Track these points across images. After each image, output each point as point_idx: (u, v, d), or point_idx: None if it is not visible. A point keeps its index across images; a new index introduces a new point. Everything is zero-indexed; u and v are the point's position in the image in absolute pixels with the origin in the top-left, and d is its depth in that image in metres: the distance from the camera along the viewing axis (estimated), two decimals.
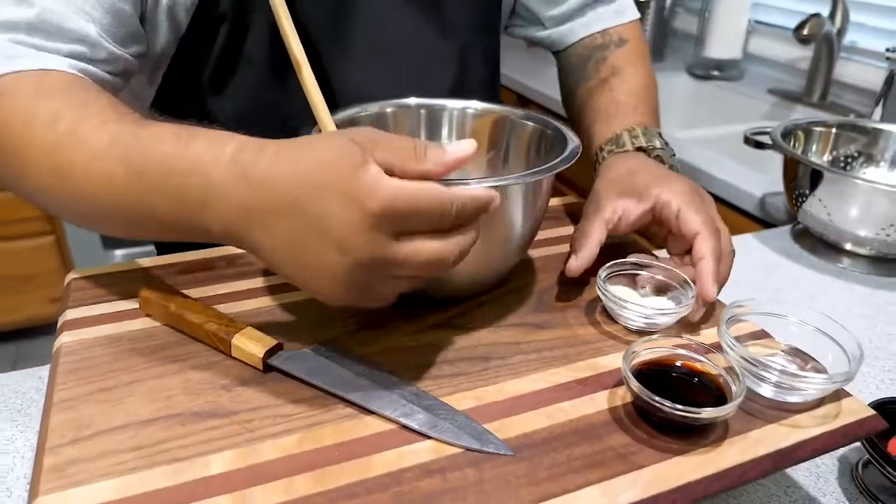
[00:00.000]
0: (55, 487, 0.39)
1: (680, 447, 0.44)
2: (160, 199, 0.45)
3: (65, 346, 0.51)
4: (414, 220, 0.40)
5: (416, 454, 0.42)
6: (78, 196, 0.48)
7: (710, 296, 0.55)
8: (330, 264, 0.40)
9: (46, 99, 0.50)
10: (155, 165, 0.44)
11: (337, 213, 0.39)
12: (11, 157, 0.50)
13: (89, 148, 0.47)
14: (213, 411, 0.45)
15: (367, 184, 0.38)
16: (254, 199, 0.41)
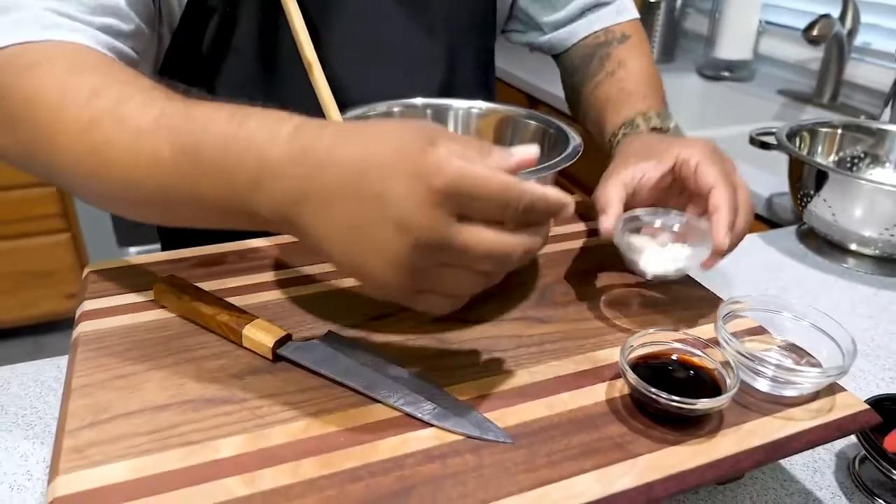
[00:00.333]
0: (74, 467, 0.41)
1: (675, 437, 0.45)
2: (209, 179, 0.42)
3: (83, 335, 0.53)
4: (479, 204, 0.38)
5: (418, 440, 0.44)
6: (113, 177, 0.46)
7: (722, 245, 0.54)
8: (387, 244, 0.38)
9: (85, 74, 0.48)
10: (206, 144, 0.42)
11: (400, 191, 0.37)
12: (37, 134, 0.48)
13: (132, 126, 0.45)
14: (225, 398, 0.47)
15: (435, 161, 0.37)
16: (313, 180, 0.39)
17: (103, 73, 0.49)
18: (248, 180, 0.41)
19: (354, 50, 0.72)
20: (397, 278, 0.39)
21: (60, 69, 0.49)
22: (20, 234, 2.07)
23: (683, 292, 0.61)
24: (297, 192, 0.40)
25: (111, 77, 0.48)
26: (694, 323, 0.57)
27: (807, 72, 1.65)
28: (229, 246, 0.66)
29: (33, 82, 0.48)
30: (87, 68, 0.49)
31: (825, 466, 0.57)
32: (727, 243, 0.54)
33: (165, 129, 0.44)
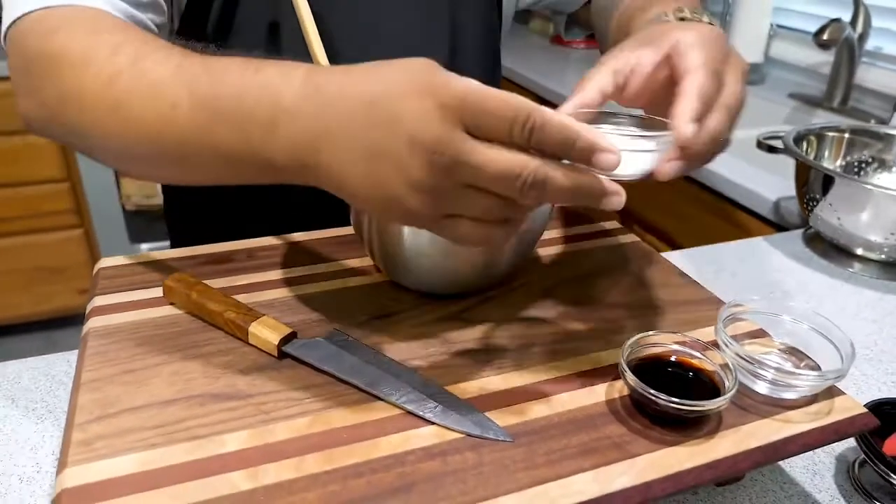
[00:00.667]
0: (82, 460, 0.42)
1: (674, 438, 0.45)
2: (225, 127, 0.43)
3: (93, 330, 0.54)
4: (487, 120, 0.37)
5: (419, 438, 0.44)
6: (133, 131, 0.46)
7: (684, 134, 0.45)
8: (404, 165, 0.38)
9: (104, 33, 0.49)
10: (223, 92, 0.43)
11: (411, 109, 0.37)
12: (62, 93, 0.49)
13: (152, 78, 0.45)
14: (231, 394, 0.48)
15: (443, 79, 0.37)
16: (327, 116, 0.40)
17: (123, 32, 0.50)
18: (263, 124, 0.41)
19: (354, 32, 0.72)
20: (420, 200, 0.39)
21: (82, 31, 0.50)
22: (33, 229, 2.09)
23: (685, 295, 0.62)
24: (313, 132, 0.40)
25: (131, 35, 0.50)
26: (694, 325, 0.57)
27: (818, 75, 1.64)
28: (238, 244, 0.67)
29: (57, 43, 0.49)
30: (106, 29, 0.50)
31: (825, 469, 0.57)
32: (689, 133, 0.45)
33: (183, 80, 0.44)
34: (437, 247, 0.55)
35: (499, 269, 0.60)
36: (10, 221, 2.04)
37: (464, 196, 0.39)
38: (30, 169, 1.98)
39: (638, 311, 0.59)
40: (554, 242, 0.70)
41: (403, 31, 0.75)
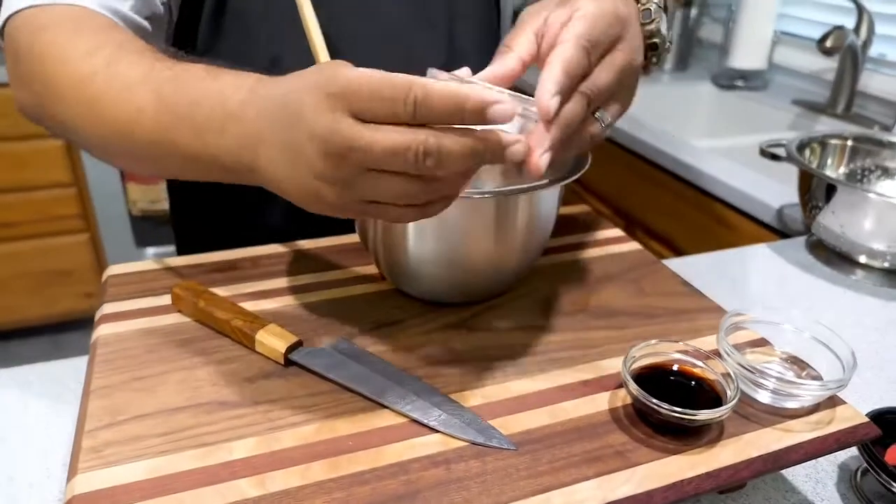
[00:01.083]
0: (92, 466, 0.43)
1: (676, 447, 0.46)
2: (185, 130, 0.46)
3: (102, 338, 0.55)
4: (373, 104, 0.38)
5: (424, 446, 0.45)
6: (106, 128, 0.50)
7: (543, 106, 0.44)
8: (310, 159, 0.40)
9: (85, 34, 0.53)
10: (184, 98, 0.46)
11: (306, 103, 0.39)
12: (46, 88, 0.53)
13: (123, 80, 0.49)
14: (238, 401, 0.48)
15: (331, 72, 0.38)
16: (262, 117, 0.42)
17: (103, 34, 0.54)
18: (215, 129, 0.44)
19: (352, 31, 0.73)
20: (333, 191, 0.40)
21: (66, 30, 0.54)
22: (41, 233, 2.10)
23: (687, 304, 0.62)
24: (252, 135, 0.42)
25: (108, 38, 0.53)
26: (696, 334, 0.58)
27: (821, 82, 1.65)
28: (244, 252, 0.68)
29: (43, 40, 0.53)
30: (88, 29, 0.54)
31: (827, 478, 0.57)
32: (549, 107, 0.44)
33: (150, 85, 0.48)
34: (442, 254, 0.55)
35: (504, 277, 0.60)
36: (19, 226, 2.06)
37: (371, 180, 0.40)
38: (38, 174, 2.00)
39: (640, 319, 0.60)
40: (558, 251, 0.71)
41: (401, 32, 0.76)
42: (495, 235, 0.55)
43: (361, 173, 0.40)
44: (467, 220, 0.54)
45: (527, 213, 0.56)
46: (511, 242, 0.57)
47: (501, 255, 0.57)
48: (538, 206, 0.57)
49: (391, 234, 0.56)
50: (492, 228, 0.55)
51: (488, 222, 0.55)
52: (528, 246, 0.59)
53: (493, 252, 0.57)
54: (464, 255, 0.56)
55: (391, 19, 0.76)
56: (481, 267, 0.57)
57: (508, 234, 0.56)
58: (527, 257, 0.60)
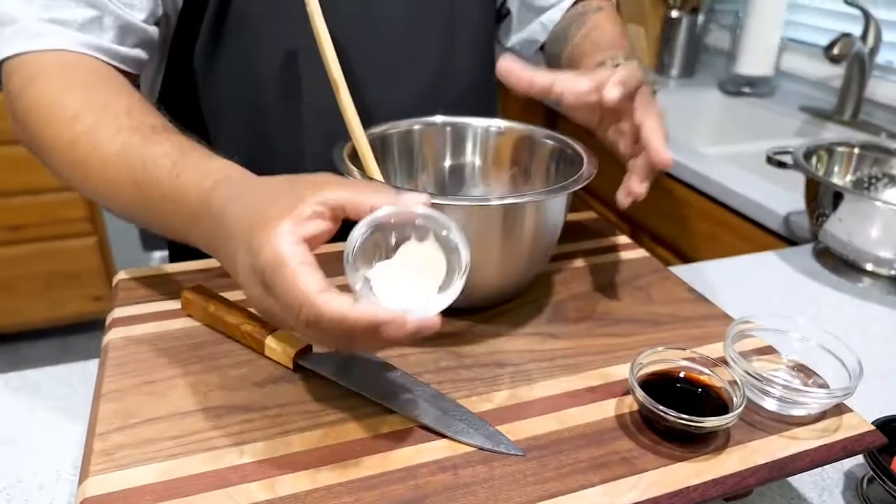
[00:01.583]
0: (103, 469, 0.43)
1: (682, 454, 0.46)
2: (157, 215, 0.52)
3: (112, 342, 0.55)
4: (284, 299, 0.40)
5: (431, 451, 0.45)
6: (90, 189, 0.56)
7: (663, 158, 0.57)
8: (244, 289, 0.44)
9: (70, 93, 0.56)
10: (153, 188, 0.51)
11: (241, 254, 0.43)
12: (37, 141, 0.57)
13: (102, 153, 0.53)
14: (247, 405, 0.49)
15: (260, 243, 0.41)
16: (211, 233, 0.47)
17: (87, 94, 0.56)
18: (182, 221, 0.50)
19: (357, 26, 0.75)
20: (268, 317, 0.44)
21: (54, 85, 0.56)
22: (50, 236, 2.11)
23: (694, 311, 0.63)
24: (208, 239, 0.48)
25: (91, 101, 0.56)
26: (703, 341, 0.58)
27: (828, 89, 1.65)
28: None
29: (31, 95, 0.56)
30: (75, 85, 0.57)
31: (833, 485, 0.57)
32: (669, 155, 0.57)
33: (125, 164, 0.52)
34: None
35: (510, 284, 0.61)
36: (27, 228, 2.07)
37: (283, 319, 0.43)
38: (46, 177, 1.96)
39: (647, 326, 0.60)
40: (565, 257, 0.71)
41: (402, 34, 0.78)
42: (502, 243, 0.56)
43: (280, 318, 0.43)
44: (475, 227, 0.55)
45: (534, 221, 0.57)
46: (518, 250, 0.57)
47: (508, 263, 0.58)
48: (545, 214, 0.57)
49: None
50: (499, 236, 0.55)
51: (496, 230, 0.55)
52: (534, 253, 0.59)
53: (501, 259, 0.57)
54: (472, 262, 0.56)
55: (393, 22, 0.77)
56: (488, 274, 0.58)
57: (515, 241, 0.57)
58: (533, 264, 0.61)
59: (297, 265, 0.40)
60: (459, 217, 0.54)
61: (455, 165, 0.71)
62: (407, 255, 0.46)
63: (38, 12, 0.57)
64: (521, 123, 0.69)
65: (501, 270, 0.58)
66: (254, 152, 0.77)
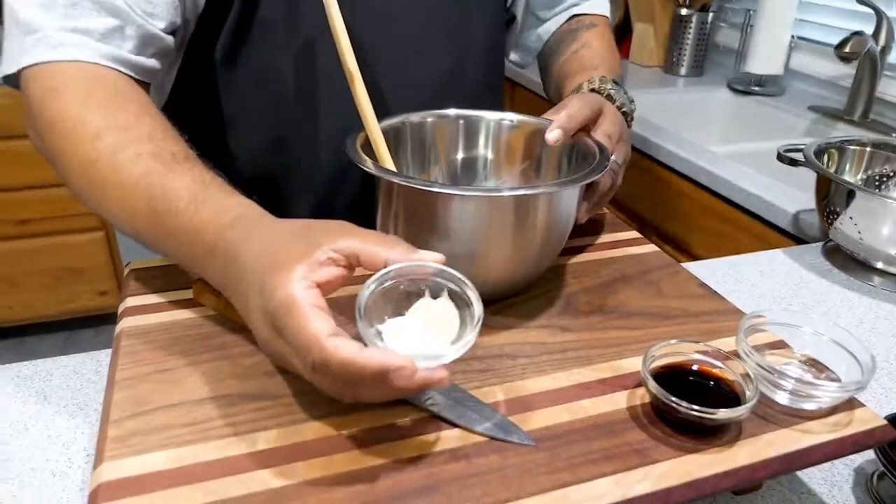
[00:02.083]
0: (118, 455, 0.43)
1: (694, 446, 0.46)
2: (173, 245, 0.52)
3: (125, 330, 0.56)
4: (294, 342, 0.41)
5: (444, 440, 0.45)
6: (108, 211, 0.56)
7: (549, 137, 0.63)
8: (257, 335, 0.46)
9: (92, 112, 0.56)
10: (171, 219, 0.51)
11: (253, 300, 0.44)
12: (57, 156, 0.57)
13: (121, 177, 0.53)
14: (259, 394, 0.49)
15: (271, 289, 0.42)
16: (224, 272, 0.48)
17: (109, 113, 0.56)
18: (198, 256, 0.51)
19: (374, 31, 0.75)
20: (277, 360, 0.46)
21: (75, 100, 0.56)
22: (57, 231, 2.12)
23: (705, 305, 0.63)
24: (220, 276, 0.49)
25: (113, 121, 0.56)
26: (715, 335, 0.58)
27: (838, 88, 1.64)
28: None
29: (53, 109, 0.56)
30: (94, 104, 0.56)
31: (843, 481, 0.57)
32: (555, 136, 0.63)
33: (144, 191, 0.52)
34: (462, 253, 0.56)
35: (522, 275, 0.61)
36: (35, 223, 2.08)
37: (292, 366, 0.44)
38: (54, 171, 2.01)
39: (658, 320, 0.60)
40: (575, 251, 0.71)
41: (417, 38, 0.78)
42: (514, 234, 0.56)
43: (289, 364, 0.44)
44: (487, 219, 0.55)
45: (546, 213, 0.57)
46: (530, 242, 0.58)
47: (520, 254, 0.58)
48: (558, 206, 0.57)
49: (412, 233, 0.57)
50: (511, 227, 0.56)
51: (508, 221, 0.55)
52: (546, 245, 0.59)
53: (513, 251, 0.57)
54: (484, 254, 0.56)
55: (408, 27, 0.77)
56: (500, 266, 0.58)
57: (528, 233, 0.57)
58: (545, 257, 0.61)
59: (309, 308, 0.41)
60: (471, 208, 0.54)
61: (467, 158, 0.72)
62: (420, 310, 0.47)
63: (59, 21, 0.57)
64: (534, 117, 0.70)
65: (513, 262, 0.58)
66: (270, 155, 0.77)
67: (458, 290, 0.46)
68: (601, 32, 0.91)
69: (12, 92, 0.61)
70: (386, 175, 0.55)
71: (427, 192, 0.54)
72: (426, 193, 0.54)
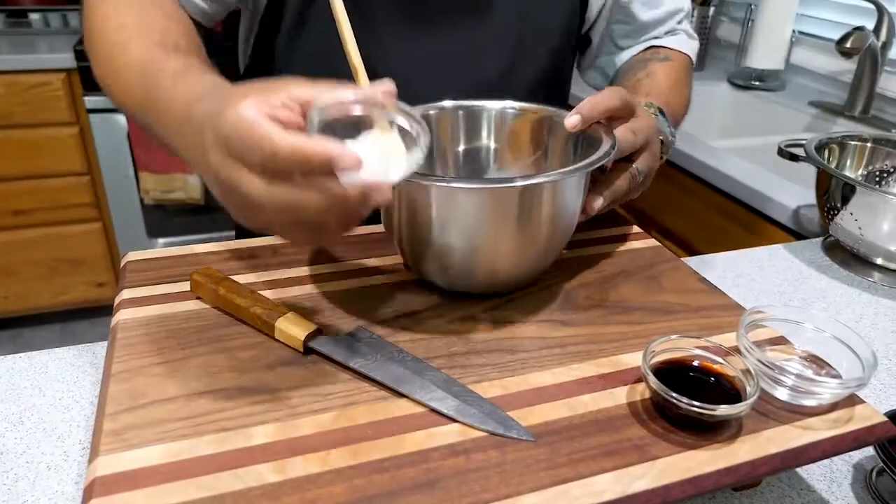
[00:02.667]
0: (113, 449, 0.43)
1: (694, 442, 0.46)
2: (154, 123, 0.54)
3: (122, 322, 0.55)
4: (243, 151, 0.41)
5: (443, 435, 0.45)
6: (115, 94, 0.62)
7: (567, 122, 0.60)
8: (211, 182, 0.46)
9: (124, 10, 0.63)
10: (154, 96, 0.54)
11: (208, 137, 0.44)
12: (91, 55, 0.66)
13: (128, 59, 0.59)
14: (257, 388, 0.48)
15: (222, 111, 0.42)
16: (190, 136, 0.47)
17: (139, 14, 0.63)
18: (171, 131, 0.52)
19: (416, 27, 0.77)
20: (236, 211, 0.45)
21: (113, 4, 0.64)
22: (55, 221, 2.12)
23: (705, 300, 0.62)
24: (189, 145, 0.49)
25: (138, 18, 0.63)
26: (715, 330, 0.58)
27: (839, 83, 1.64)
28: (264, 241, 0.68)
29: (96, 14, 0.65)
30: (131, 7, 0.64)
31: (842, 477, 0.57)
32: (573, 122, 0.60)
33: (140, 70, 0.57)
34: (466, 245, 0.55)
35: (529, 269, 0.60)
36: (32, 213, 2.07)
37: (258, 210, 0.43)
38: (52, 161, 2.01)
39: (658, 315, 0.60)
40: (576, 245, 0.70)
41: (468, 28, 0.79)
42: (518, 226, 0.55)
43: (254, 206, 0.43)
44: (490, 210, 0.54)
45: (551, 203, 0.56)
46: (535, 233, 0.57)
47: (526, 247, 0.57)
48: (562, 196, 0.57)
49: (416, 224, 0.56)
50: (515, 219, 0.55)
51: (511, 213, 0.55)
52: (552, 237, 0.58)
53: (517, 243, 0.56)
54: (486, 247, 0.56)
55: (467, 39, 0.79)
56: (505, 259, 0.57)
57: (532, 225, 0.56)
58: (551, 249, 0.60)
59: (261, 115, 0.41)
60: (474, 200, 0.53)
61: (470, 149, 0.70)
62: (368, 139, 0.47)
63: None
64: (536, 105, 0.68)
65: (519, 255, 0.57)
66: None
67: (407, 125, 0.47)
68: (673, 68, 0.88)
69: (7, 81, 0.62)
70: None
71: (425, 187, 0.53)
72: (424, 188, 0.54)
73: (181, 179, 2.09)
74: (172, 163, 2.05)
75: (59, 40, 2.04)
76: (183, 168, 2.06)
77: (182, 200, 2.14)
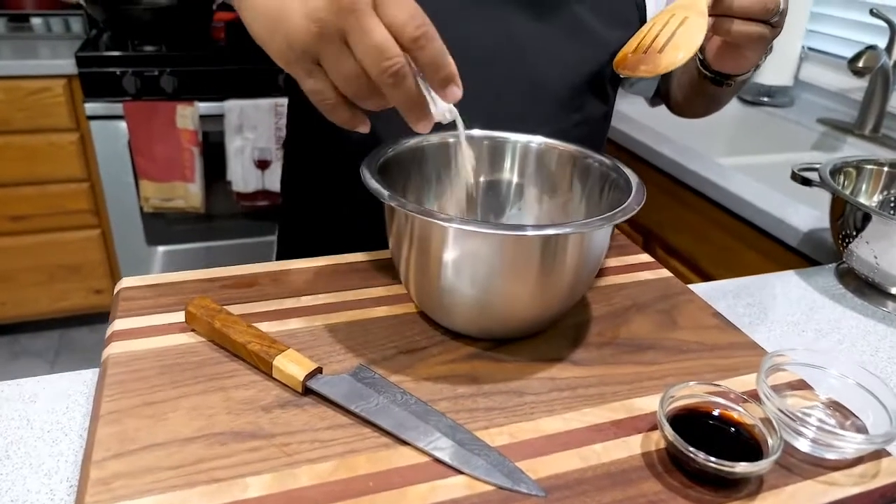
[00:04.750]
0: (100, 500, 0.40)
1: (713, 499, 0.43)
2: None
3: (112, 357, 0.53)
4: (392, 8, 0.42)
5: (448, 489, 0.43)
6: None
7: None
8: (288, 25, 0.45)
9: None
10: None
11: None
12: None
13: None
14: (253, 432, 0.46)
15: None
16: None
17: None
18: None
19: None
20: (305, 27, 0.44)
21: None
22: (54, 228, 2.09)
23: (721, 338, 0.60)
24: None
25: None
26: (733, 372, 0.55)
27: (848, 101, 1.61)
28: (263, 266, 0.65)
29: None
30: None
31: None
32: None
33: None
34: (479, 292, 0.52)
35: (541, 320, 0.57)
36: (31, 219, 2.05)
37: (340, 52, 0.44)
38: (52, 167, 1.99)
39: (673, 354, 0.57)
40: None
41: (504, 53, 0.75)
42: (539, 275, 0.52)
43: (340, 43, 0.44)
44: (510, 257, 0.51)
45: (576, 253, 0.52)
46: (557, 282, 0.53)
47: (545, 295, 0.54)
48: (588, 245, 0.53)
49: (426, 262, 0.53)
50: (536, 267, 0.51)
51: (533, 261, 0.51)
52: (575, 285, 0.55)
53: (536, 292, 0.53)
54: (505, 294, 0.52)
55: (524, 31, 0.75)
56: (522, 307, 0.54)
57: (555, 273, 0.52)
58: (574, 295, 0.56)
59: None
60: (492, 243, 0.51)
61: (492, 181, 0.67)
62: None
63: None
64: (562, 142, 0.66)
65: (535, 305, 0.54)
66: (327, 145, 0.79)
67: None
68: None
69: (8, 86, 0.59)
70: (397, 204, 0.50)
71: (440, 226, 0.50)
72: (439, 227, 0.50)
73: (182, 188, 2.07)
74: (173, 171, 2.02)
75: (60, 46, 2.02)
76: (183, 176, 2.04)
77: (182, 209, 2.11)
